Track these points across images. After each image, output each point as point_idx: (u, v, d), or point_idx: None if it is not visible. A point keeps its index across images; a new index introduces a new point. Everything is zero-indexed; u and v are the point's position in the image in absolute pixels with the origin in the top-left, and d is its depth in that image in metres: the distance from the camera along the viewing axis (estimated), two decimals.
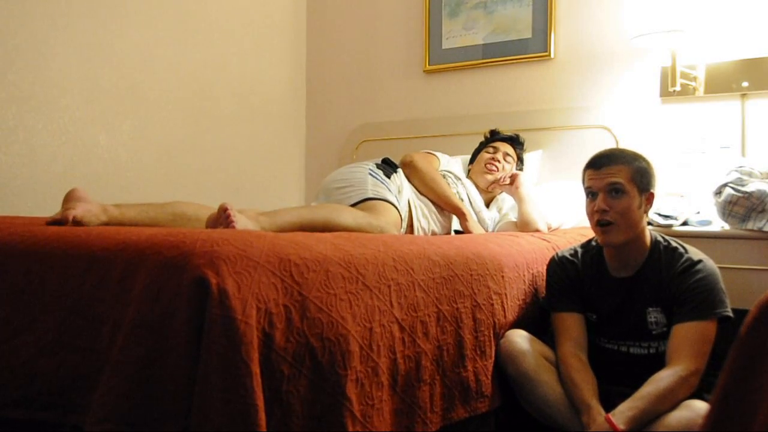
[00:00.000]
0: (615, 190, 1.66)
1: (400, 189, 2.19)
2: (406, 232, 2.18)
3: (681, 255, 1.69)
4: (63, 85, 2.39)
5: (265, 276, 1.06)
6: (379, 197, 2.04)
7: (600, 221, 1.68)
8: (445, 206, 2.29)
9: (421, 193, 2.28)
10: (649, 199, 1.71)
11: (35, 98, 2.31)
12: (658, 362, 1.61)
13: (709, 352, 1.58)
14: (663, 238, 1.76)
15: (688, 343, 1.57)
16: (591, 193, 1.71)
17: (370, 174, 2.12)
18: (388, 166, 2.24)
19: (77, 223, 1.46)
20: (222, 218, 1.47)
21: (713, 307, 1.60)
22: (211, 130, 3.04)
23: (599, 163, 1.70)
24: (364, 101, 3.47)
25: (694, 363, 1.54)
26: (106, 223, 1.53)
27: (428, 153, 2.48)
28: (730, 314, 1.61)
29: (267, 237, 1.17)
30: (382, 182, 2.11)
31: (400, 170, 2.28)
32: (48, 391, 1.13)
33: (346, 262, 1.25)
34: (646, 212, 1.71)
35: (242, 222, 1.49)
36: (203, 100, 2.99)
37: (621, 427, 1.45)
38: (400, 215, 2.08)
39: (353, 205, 2.02)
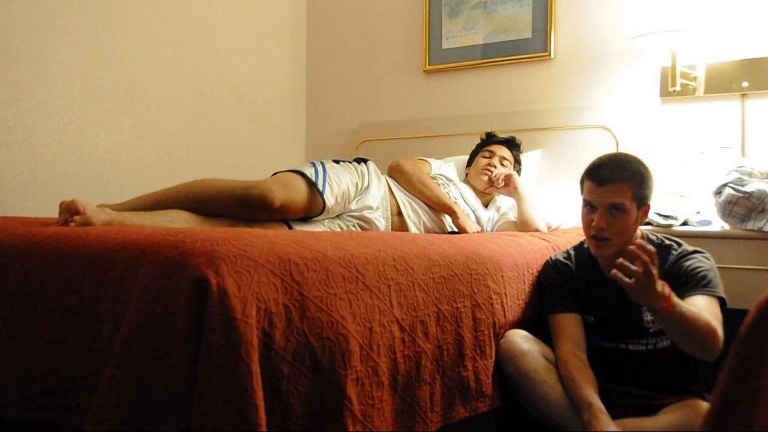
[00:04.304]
0: (615, 209, 1.64)
1: (362, 175, 2.13)
2: (393, 223, 2.18)
3: (675, 249, 1.70)
4: (63, 85, 2.39)
5: (265, 275, 1.06)
6: (290, 169, 2.01)
7: (596, 236, 1.67)
8: (436, 206, 2.26)
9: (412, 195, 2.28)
10: (645, 212, 1.70)
11: (35, 98, 2.31)
12: (657, 358, 1.61)
13: (723, 330, 1.51)
14: (656, 236, 1.76)
15: (704, 310, 1.52)
16: (590, 206, 1.69)
17: (314, 162, 2.07)
18: (353, 161, 2.22)
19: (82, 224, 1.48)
20: (71, 208, 1.51)
21: (715, 285, 1.60)
22: (211, 130, 3.04)
23: (601, 179, 1.66)
24: (364, 101, 3.47)
25: (716, 324, 1.47)
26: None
27: (419, 159, 2.47)
28: (725, 298, 1.59)
29: (267, 236, 1.17)
30: (313, 164, 2.03)
31: (370, 163, 2.24)
32: (48, 391, 1.13)
33: (346, 261, 1.25)
34: (640, 223, 1.71)
35: (89, 209, 1.52)
36: (203, 100, 2.99)
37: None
38: (317, 190, 1.94)
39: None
